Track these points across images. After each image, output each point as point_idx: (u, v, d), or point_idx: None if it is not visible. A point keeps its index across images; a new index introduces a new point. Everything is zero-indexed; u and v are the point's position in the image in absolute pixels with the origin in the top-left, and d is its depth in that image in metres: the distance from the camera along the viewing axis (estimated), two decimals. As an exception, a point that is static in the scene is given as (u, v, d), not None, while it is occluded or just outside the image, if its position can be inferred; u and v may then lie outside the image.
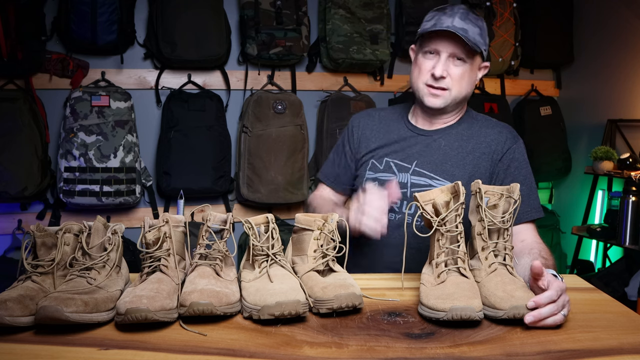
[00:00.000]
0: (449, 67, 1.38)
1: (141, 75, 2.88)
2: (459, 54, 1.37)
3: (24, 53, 2.53)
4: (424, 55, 1.42)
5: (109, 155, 2.59)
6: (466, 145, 1.46)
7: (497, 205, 1.09)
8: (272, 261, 1.08)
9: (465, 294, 0.98)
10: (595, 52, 3.22)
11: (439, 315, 0.97)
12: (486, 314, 1.00)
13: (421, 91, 1.43)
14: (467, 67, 1.39)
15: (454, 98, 1.42)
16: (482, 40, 1.39)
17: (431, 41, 1.39)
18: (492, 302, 1.00)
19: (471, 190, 1.14)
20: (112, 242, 1.06)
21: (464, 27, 1.35)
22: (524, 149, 1.48)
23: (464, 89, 1.42)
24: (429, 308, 0.99)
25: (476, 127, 1.49)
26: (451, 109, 1.47)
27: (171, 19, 2.67)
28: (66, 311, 0.88)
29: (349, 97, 3.00)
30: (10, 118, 2.51)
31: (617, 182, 2.97)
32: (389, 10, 3.01)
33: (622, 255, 2.89)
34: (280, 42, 2.79)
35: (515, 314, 0.97)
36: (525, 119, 3.24)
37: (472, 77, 1.43)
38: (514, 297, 0.99)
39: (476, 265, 1.09)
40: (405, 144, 1.49)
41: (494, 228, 1.09)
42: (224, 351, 0.87)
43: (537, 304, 0.96)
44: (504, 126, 1.51)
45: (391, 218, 1.46)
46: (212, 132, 2.78)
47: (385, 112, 1.62)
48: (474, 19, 1.38)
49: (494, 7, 3.10)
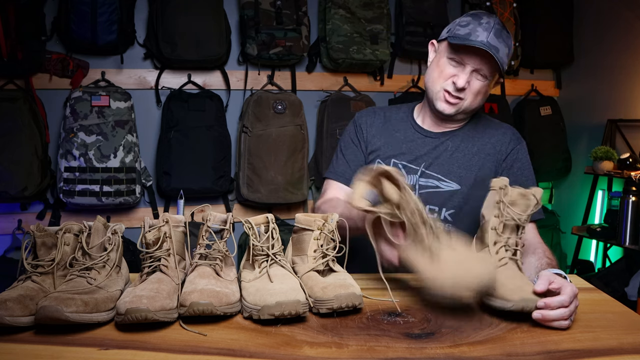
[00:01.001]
0: (471, 79, 1.36)
1: (141, 75, 2.88)
2: (485, 71, 1.35)
3: (24, 53, 2.53)
4: (448, 61, 1.38)
5: (109, 155, 2.59)
6: (472, 147, 1.46)
7: (514, 203, 1.10)
8: (272, 261, 1.08)
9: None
10: (595, 52, 3.22)
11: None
12: (493, 305, 1.01)
13: (437, 94, 1.40)
14: (487, 83, 1.38)
15: (466, 109, 1.41)
16: (506, 60, 1.37)
17: (460, 51, 1.35)
18: (502, 293, 1.00)
19: (492, 186, 1.16)
20: (112, 242, 1.06)
21: (497, 45, 1.32)
22: (526, 150, 1.49)
23: (477, 102, 1.41)
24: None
25: (480, 128, 1.49)
26: (460, 117, 1.46)
27: (171, 19, 2.67)
28: (66, 311, 0.88)
29: (349, 97, 3.00)
30: (10, 118, 2.51)
31: (617, 182, 2.97)
32: (389, 10, 3.01)
33: (622, 255, 2.89)
34: (280, 42, 2.79)
35: (524, 307, 0.97)
36: (525, 119, 3.24)
37: (488, 92, 1.43)
38: (524, 291, 0.99)
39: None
40: (413, 146, 1.48)
41: (510, 224, 1.10)
42: (224, 351, 0.87)
43: (546, 305, 0.97)
44: (507, 127, 1.51)
45: None
46: (212, 132, 2.78)
47: (389, 111, 1.60)
48: (506, 37, 1.35)
49: (494, 7, 3.10)
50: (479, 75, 1.36)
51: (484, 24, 1.32)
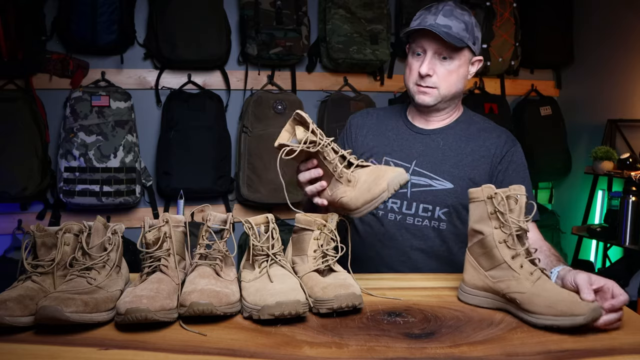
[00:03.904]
0: (435, 65, 1.39)
1: (141, 75, 2.88)
2: (444, 52, 1.37)
3: (24, 53, 2.53)
4: (413, 55, 1.43)
5: (109, 155, 2.59)
6: (465, 147, 1.46)
7: (512, 210, 1.05)
8: (272, 261, 1.08)
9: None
10: (596, 52, 3.22)
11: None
12: (562, 324, 0.95)
13: (412, 90, 1.44)
14: (455, 64, 1.39)
15: (444, 96, 1.42)
16: (467, 35, 1.38)
17: (416, 40, 1.40)
18: (566, 310, 0.95)
19: (474, 197, 1.09)
20: (112, 242, 1.06)
21: (448, 23, 1.35)
22: (522, 153, 1.49)
23: (453, 86, 1.41)
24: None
25: (474, 129, 1.49)
26: (444, 106, 1.46)
27: (171, 19, 2.67)
28: (66, 311, 0.88)
29: (349, 97, 3.00)
30: (10, 118, 2.51)
31: (617, 182, 2.97)
32: (389, 10, 3.01)
33: (622, 255, 2.89)
34: (280, 42, 2.79)
35: (594, 317, 0.94)
36: (525, 119, 3.24)
37: (462, 73, 1.42)
38: (584, 301, 0.97)
39: (506, 276, 1.04)
40: (404, 143, 1.49)
41: (519, 233, 1.05)
42: (224, 351, 0.87)
43: (612, 307, 0.98)
44: (502, 130, 1.51)
45: (391, 218, 1.46)
46: (212, 132, 2.78)
47: (384, 111, 1.62)
48: (459, 15, 1.38)
49: (494, 7, 3.10)
50: (441, 58, 1.39)
51: (432, 10, 1.38)
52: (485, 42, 3.09)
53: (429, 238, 1.44)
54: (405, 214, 1.45)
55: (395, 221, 1.45)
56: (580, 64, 3.33)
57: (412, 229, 1.45)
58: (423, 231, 1.44)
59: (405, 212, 1.45)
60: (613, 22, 3.08)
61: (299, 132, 1.14)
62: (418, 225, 1.44)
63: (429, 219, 1.43)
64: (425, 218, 1.43)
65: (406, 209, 1.45)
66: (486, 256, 1.08)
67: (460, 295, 1.13)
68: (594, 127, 3.16)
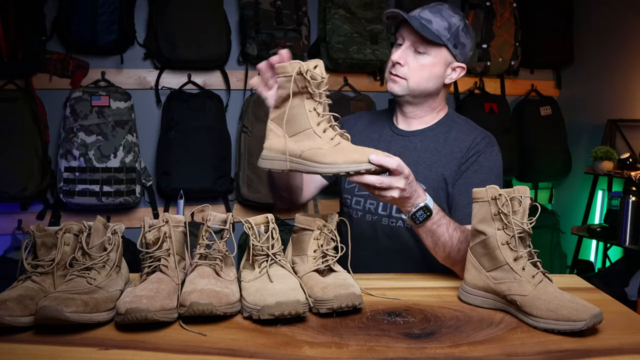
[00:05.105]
0: (408, 56, 1.39)
1: (141, 75, 2.88)
2: (420, 45, 1.37)
3: (24, 53, 2.53)
4: (395, 44, 1.43)
5: (109, 155, 2.59)
6: (441, 149, 1.44)
7: (516, 211, 1.04)
8: (272, 261, 1.08)
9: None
10: (595, 52, 3.22)
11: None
12: (557, 329, 0.95)
13: (385, 78, 1.45)
14: (429, 60, 1.38)
15: (412, 89, 1.40)
16: (448, 35, 1.36)
17: (399, 30, 1.41)
18: (567, 315, 0.95)
19: (479, 197, 1.08)
20: (112, 242, 1.06)
21: (430, 18, 1.35)
22: (495, 159, 1.42)
23: (423, 82, 1.40)
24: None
25: (454, 132, 1.46)
26: (415, 101, 1.44)
27: (171, 19, 2.66)
28: (66, 311, 0.88)
29: (349, 97, 3.00)
30: (10, 118, 2.51)
31: (617, 182, 2.97)
32: (389, 10, 3.01)
33: (622, 255, 2.89)
34: (280, 42, 2.79)
35: (595, 323, 0.95)
36: (525, 119, 3.24)
37: (436, 72, 1.40)
38: (587, 305, 0.96)
39: (507, 278, 1.04)
40: (385, 145, 1.47)
41: (522, 235, 1.04)
42: (224, 351, 0.87)
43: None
44: (481, 133, 1.46)
45: (368, 219, 1.46)
46: (212, 132, 2.78)
47: (377, 114, 1.62)
48: (448, 15, 1.37)
49: (494, 7, 3.10)
50: (416, 51, 1.38)
51: (425, 6, 1.39)
52: (485, 42, 3.09)
53: (404, 239, 1.44)
54: (380, 215, 1.45)
55: (371, 222, 1.46)
56: (580, 64, 3.33)
57: (387, 230, 1.45)
58: (397, 232, 1.44)
59: (381, 213, 1.45)
60: (613, 22, 3.08)
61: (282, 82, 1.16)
62: (392, 226, 1.44)
63: (402, 220, 1.43)
64: (399, 219, 1.43)
65: (382, 210, 1.45)
66: (488, 257, 1.07)
67: (461, 295, 1.13)
68: (594, 127, 3.16)
